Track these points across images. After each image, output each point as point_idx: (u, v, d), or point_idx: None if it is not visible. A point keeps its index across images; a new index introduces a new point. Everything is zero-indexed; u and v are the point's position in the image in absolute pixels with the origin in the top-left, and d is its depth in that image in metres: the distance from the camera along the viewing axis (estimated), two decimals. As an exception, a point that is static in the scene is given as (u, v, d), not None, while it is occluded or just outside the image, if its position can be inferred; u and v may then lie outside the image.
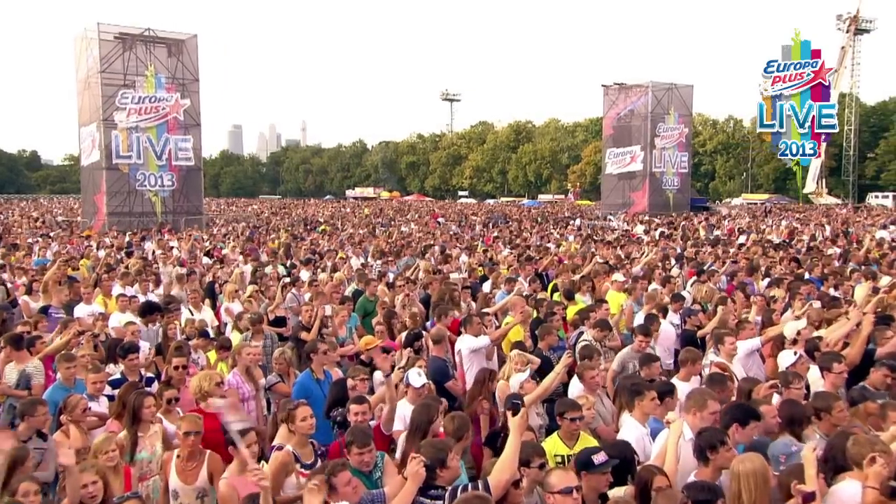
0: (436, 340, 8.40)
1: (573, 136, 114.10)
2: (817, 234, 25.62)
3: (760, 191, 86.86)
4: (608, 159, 52.58)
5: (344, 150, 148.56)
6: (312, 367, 7.49)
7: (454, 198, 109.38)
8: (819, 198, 73.36)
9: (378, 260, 18.45)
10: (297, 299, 13.31)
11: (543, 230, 29.89)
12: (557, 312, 9.66)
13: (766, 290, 12.47)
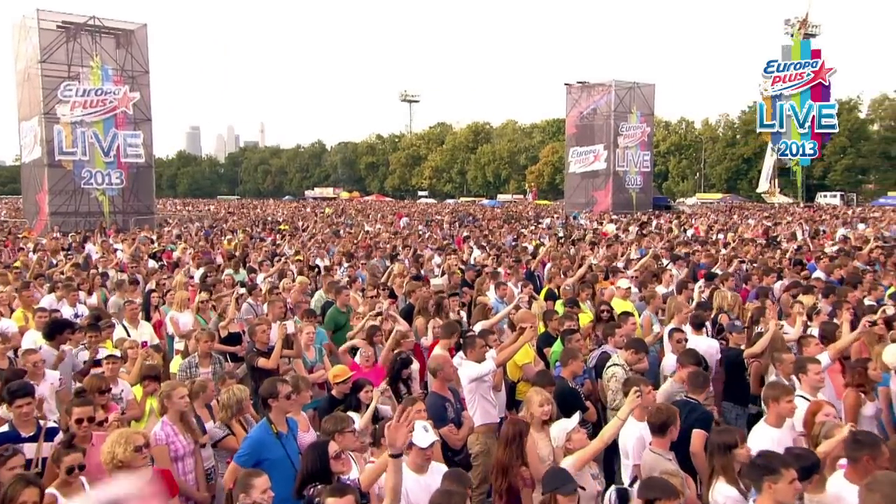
0: (436, 371, 6.36)
1: (530, 137, 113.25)
2: (797, 232, 24.28)
3: (713, 190, 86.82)
4: (571, 158, 51.09)
5: (303, 151, 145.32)
6: (271, 417, 5.40)
7: (414, 198, 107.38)
8: (772, 197, 73.26)
9: (346, 262, 16.31)
10: (253, 310, 11.17)
11: (514, 230, 28.04)
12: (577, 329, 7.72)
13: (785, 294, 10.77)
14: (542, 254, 14.82)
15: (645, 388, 5.09)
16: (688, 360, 6.13)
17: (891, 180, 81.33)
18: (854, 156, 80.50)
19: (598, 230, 27.31)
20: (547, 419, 5.42)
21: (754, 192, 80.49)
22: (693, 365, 6.02)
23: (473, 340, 6.75)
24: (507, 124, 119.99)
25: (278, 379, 5.66)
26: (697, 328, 8.15)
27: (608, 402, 6.81)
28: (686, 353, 6.29)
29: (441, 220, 37.04)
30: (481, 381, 6.63)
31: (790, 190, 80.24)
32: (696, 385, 5.65)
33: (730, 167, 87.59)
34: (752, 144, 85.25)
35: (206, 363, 7.77)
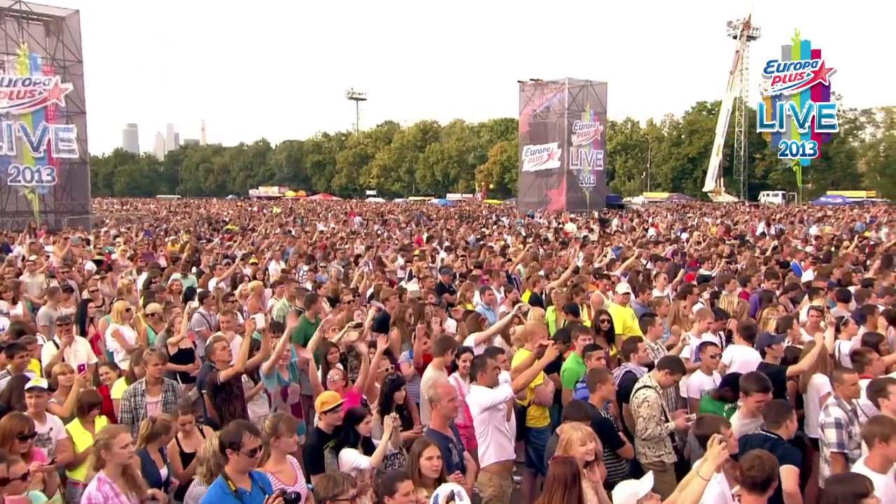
0: (435, 403, 5.18)
1: (479, 136, 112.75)
2: (765, 230, 23.95)
3: (659, 189, 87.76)
4: (525, 156, 50.40)
5: (246, 149, 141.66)
6: (227, 472, 4.17)
7: (362, 197, 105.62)
8: (718, 196, 74.52)
9: (305, 265, 14.98)
10: (206, 320, 9.81)
11: (474, 229, 27.04)
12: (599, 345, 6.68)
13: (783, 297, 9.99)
14: (522, 255, 13.76)
15: (726, 432, 4.08)
16: (755, 386, 5.10)
17: (827, 180, 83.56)
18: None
19: (562, 229, 26.51)
20: (592, 459, 4.37)
21: (700, 190, 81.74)
22: (761, 392, 5.02)
23: (484, 361, 5.62)
24: (456, 123, 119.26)
25: (246, 425, 4.39)
26: (749, 339, 7.18)
27: (638, 432, 5.78)
28: (752, 378, 5.23)
29: (397, 219, 35.79)
30: (495, 409, 5.53)
31: (733, 189, 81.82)
32: (777, 417, 4.64)
33: (675, 167, 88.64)
34: (696, 144, 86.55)
35: (155, 391, 6.44)
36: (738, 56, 76.40)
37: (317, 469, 5.15)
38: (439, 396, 5.03)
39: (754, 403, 4.99)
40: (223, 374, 6.46)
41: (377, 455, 5.23)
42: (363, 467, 5.10)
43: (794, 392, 6.57)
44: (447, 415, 5.07)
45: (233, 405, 6.51)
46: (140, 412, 6.32)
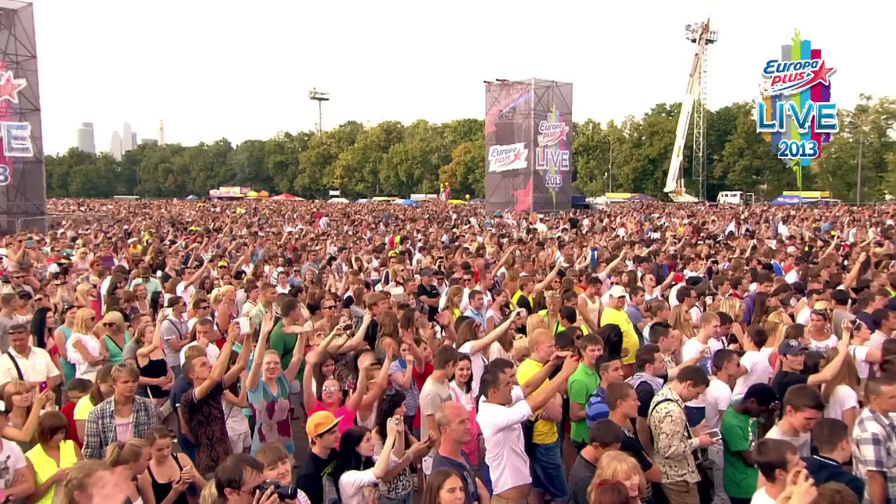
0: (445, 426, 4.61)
1: (442, 136, 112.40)
2: (735, 230, 23.90)
3: (621, 190, 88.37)
4: (491, 157, 50.04)
5: (207, 149, 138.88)
6: None
7: (325, 197, 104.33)
8: (679, 196, 75.30)
9: (277, 268, 14.24)
10: (176, 329, 9.10)
11: (445, 229, 26.50)
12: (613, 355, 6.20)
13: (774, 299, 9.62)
14: (505, 258, 13.24)
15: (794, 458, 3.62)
16: (807, 401, 4.63)
17: (783, 181, 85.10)
18: (751, 157, 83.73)
19: (535, 230, 26.12)
20: (635, 495, 3.87)
21: (660, 191, 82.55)
22: (813, 408, 4.57)
23: (496, 376, 5.08)
24: (419, 124, 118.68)
25: (245, 460, 3.78)
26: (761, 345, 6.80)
27: (660, 450, 5.30)
28: (804, 393, 4.73)
29: (365, 219, 35.06)
30: (510, 430, 5.01)
31: (692, 189, 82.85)
32: (831, 438, 4.20)
33: (636, 167, 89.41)
34: (656, 146, 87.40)
35: (125, 411, 5.76)
36: (697, 59, 77.33)
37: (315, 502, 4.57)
38: (448, 419, 4.46)
39: (803, 420, 4.54)
40: (198, 389, 5.82)
41: (380, 464, 4.70)
42: (367, 482, 4.56)
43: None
44: (459, 439, 4.51)
45: (210, 429, 5.89)
46: (109, 435, 5.64)
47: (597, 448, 4.44)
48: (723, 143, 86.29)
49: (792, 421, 4.61)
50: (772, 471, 3.72)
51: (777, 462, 3.67)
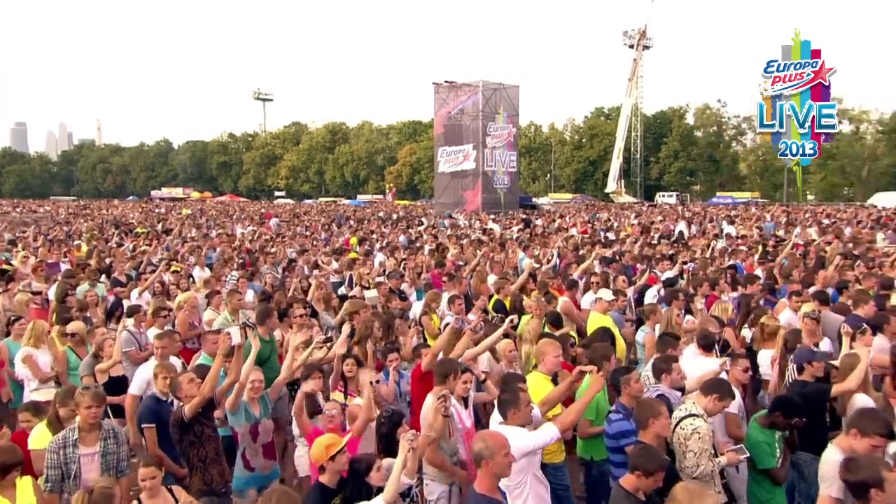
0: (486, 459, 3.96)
1: (388, 138, 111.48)
2: (684, 230, 23.96)
3: (563, 191, 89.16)
4: (440, 158, 49.54)
5: (147, 149, 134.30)
6: None
7: (270, 198, 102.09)
8: (619, 197, 76.37)
9: (233, 272, 13.34)
10: (135, 340, 8.22)
11: (400, 230, 25.84)
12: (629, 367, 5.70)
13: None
14: (475, 262, 12.67)
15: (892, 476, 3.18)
16: (877, 428, 4.09)
17: (715, 182, 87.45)
18: (685, 159, 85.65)
19: (492, 230, 25.67)
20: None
21: (601, 191, 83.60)
22: (882, 437, 4.07)
23: (516, 395, 4.51)
24: (364, 125, 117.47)
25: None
26: (708, 349, 6.45)
27: (687, 469, 4.82)
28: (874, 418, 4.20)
29: (316, 220, 34.04)
30: (533, 454, 4.46)
31: (632, 190, 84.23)
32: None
33: (577, 169, 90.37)
34: (596, 148, 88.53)
35: (91, 439, 4.97)
36: (635, 64, 78.60)
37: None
38: (492, 451, 3.82)
39: (868, 447, 4.07)
40: (188, 407, 5.10)
41: (391, 488, 4.08)
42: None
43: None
44: (501, 473, 3.92)
45: (204, 449, 5.20)
46: (72, 467, 4.85)
47: (639, 478, 3.92)
48: (659, 145, 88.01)
49: (855, 444, 4.16)
50: (866, 491, 3.28)
51: (873, 481, 3.23)
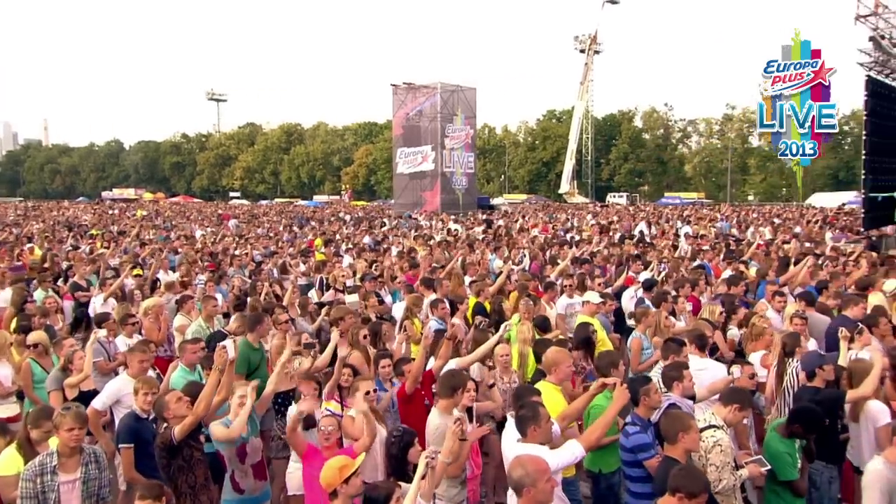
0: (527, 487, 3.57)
1: (343, 139, 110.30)
2: (644, 229, 24.05)
3: (517, 191, 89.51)
4: (399, 159, 49.08)
5: (98, 150, 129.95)
6: None
7: (225, 199, 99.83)
8: (572, 197, 77.00)
9: (202, 276, 12.69)
10: (104, 350, 7.63)
11: (362, 231, 25.32)
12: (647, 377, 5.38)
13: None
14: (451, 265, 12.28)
15: None
16: None
17: (663, 183, 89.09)
18: (634, 161, 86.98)
19: (452, 231, 25.34)
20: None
21: (554, 192, 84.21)
22: None
23: (536, 411, 4.18)
24: (320, 126, 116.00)
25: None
26: (702, 349, 6.27)
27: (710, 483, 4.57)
28: None
29: (274, 221, 33.20)
30: (555, 474, 4.13)
31: (582, 191, 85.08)
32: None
33: (531, 170, 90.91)
34: (549, 149, 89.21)
35: (71, 465, 4.43)
36: (586, 68, 79.39)
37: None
38: (534, 478, 3.45)
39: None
40: (178, 429, 4.61)
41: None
42: None
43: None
44: (545, 500, 3.55)
45: (193, 475, 4.71)
46: (50, 497, 4.32)
47: (681, 500, 3.62)
48: (609, 147, 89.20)
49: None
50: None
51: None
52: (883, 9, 18.25)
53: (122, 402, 5.93)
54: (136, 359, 6.17)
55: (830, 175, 76.69)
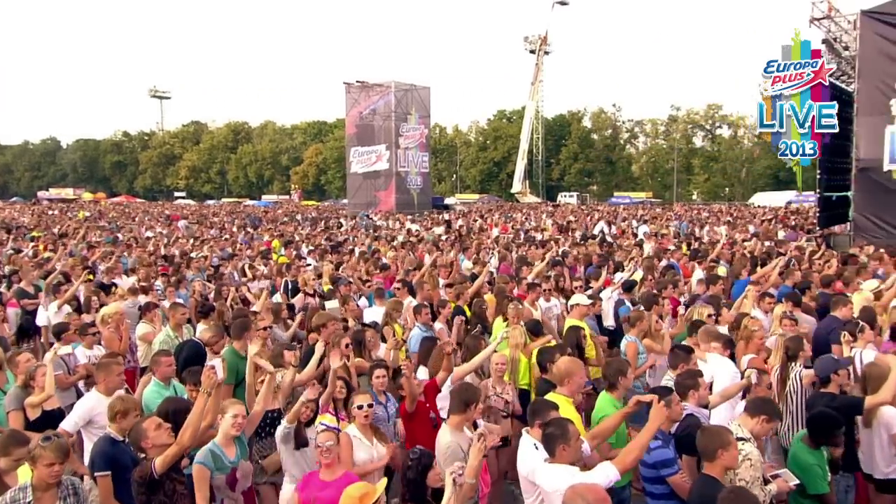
0: None
1: (292, 138, 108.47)
2: (605, 229, 24.15)
3: (469, 191, 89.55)
4: (353, 158, 48.37)
5: (33, 148, 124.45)
6: None
7: (169, 198, 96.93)
8: (524, 197, 77.43)
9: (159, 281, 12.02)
10: (63, 363, 7.03)
11: (319, 232, 24.71)
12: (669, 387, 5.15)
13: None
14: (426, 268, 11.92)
15: None
16: None
17: (612, 182, 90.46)
18: (584, 161, 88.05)
19: (414, 231, 24.98)
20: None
21: (505, 192, 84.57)
22: None
23: (565, 429, 3.88)
24: (267, 125, 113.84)
25: None
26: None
27: None
28: None
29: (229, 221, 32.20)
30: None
31: (535, 190, 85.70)
32: None
33: (483, 170, 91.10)
34: (500, 149, 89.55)
35: (47, 500, 3.92)
36: (537, 69, 79.95)
37: None
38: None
39: None
40: (160, 461, 4.13)
41: None
42: None
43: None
44: None
45: (177, 510, 4.22)
46: (26, 534, 3.81)
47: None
48: (559, 147, 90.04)
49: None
50: None
51: None
52: (835, 13, 18.70)
53: (94, 422, 5.41)
54: (110, 373, 5.65)
55: (771, 175, 79.14)
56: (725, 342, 6.00)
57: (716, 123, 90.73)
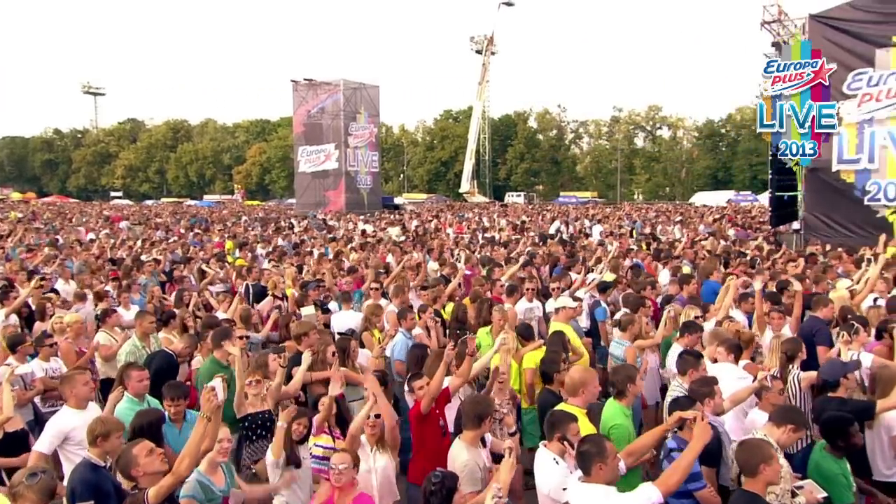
0: None
1: (234, 136, 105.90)
2: (563, 229, 24.20)
3: (416, 191, 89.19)
4: (301, 157, 47.38)
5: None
6: None
7: (105, 198, 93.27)
8: (472, 196, 77.51)
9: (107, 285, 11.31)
10: (19, 378, 6.43)
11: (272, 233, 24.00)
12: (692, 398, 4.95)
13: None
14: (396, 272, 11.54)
15: None
16: None
17: (557, 182, 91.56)
18: (530, 161, 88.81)
19: (369, 232, 24.50)
20: None
21: (453, 191, 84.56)
22: None
23: (602, 445, 3.65)
24: (208, 123, 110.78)
25: None
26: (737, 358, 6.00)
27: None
28: None
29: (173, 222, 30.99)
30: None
31: (482, 190, 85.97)
32: None
33: (430, 169, 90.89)
34: (448, 149, 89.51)
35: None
36: (484, 69, 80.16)
37: None
38: None
39: None
40: (154, 493, 3.70)
41: None
42: None
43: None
44: None
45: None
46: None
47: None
48: (506, 147, 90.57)
49: None
50: None
51: None
52: (785, 16, 19.17)
53: (70, 438, 4.97)
54: (75, 385, 5.17)
55: (710, 175, 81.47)
56: (731, 346, 5.86)
57: (656, 124, 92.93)
